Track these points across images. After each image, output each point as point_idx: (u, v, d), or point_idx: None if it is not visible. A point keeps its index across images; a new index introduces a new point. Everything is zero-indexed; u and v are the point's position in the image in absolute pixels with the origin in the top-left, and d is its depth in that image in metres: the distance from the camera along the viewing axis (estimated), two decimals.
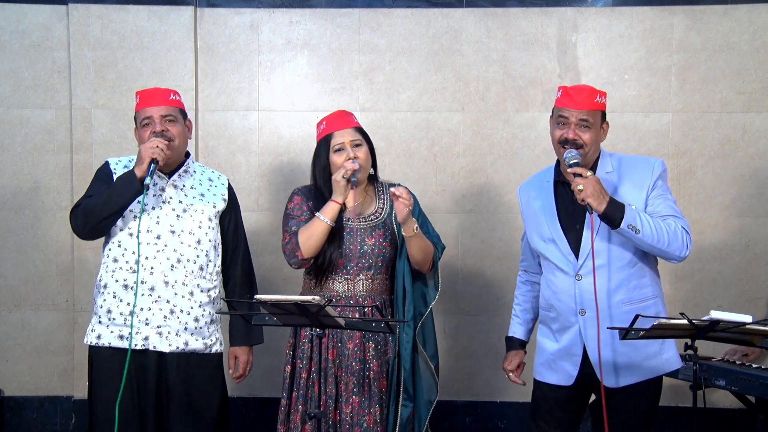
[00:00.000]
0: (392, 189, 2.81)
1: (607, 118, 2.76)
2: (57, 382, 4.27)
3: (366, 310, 2.87)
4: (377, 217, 2.98)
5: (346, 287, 2.91)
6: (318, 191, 2.97)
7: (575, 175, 2.55)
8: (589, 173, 2.56)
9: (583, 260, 2.67)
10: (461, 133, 4.18)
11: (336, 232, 2.88)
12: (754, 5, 4.04)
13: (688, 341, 2.54)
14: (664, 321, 2.46)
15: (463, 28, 4.15)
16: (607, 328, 2.71)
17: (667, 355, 2.75)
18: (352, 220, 2.93)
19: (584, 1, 4.15)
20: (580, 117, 2.64)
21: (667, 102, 4.10)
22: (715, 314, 2.42)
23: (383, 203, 3.00)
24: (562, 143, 2.66)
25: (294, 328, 2.93)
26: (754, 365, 3.21)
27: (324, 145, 2.95)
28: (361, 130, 2.97)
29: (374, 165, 3.03)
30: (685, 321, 2.43)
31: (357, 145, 2.91)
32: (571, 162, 2.59)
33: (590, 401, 2.89)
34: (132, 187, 2.75)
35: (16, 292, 4.25)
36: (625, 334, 2.52)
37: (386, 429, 2.88)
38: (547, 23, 4.13)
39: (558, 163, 2.81)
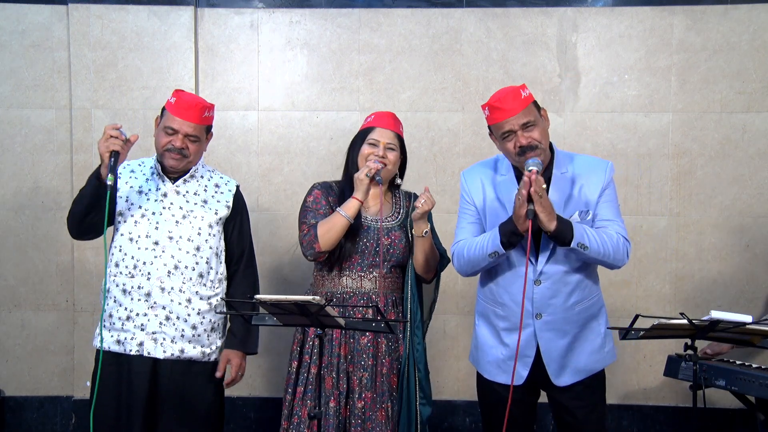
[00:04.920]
0: (419, 192, 2.90)
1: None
2: (57, 382, 4.27)
3: (365, 309, 2.87)
4: (394, 219, 3.01)
5: (359, 284, 2.94)
6: (346, 182, 3.00)
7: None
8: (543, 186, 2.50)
9: (543, 264, 2.65)
10: (461, 133, 4.18)
11: (354, 229, 2.92)
12: (754, 5, 4.04)
13: (688, 341, 2.55)
14: (664, 321, 2.46)
15: (463, 28, 4.15)
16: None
17: (608, 347, 2.77)
18: (371, 219, 2.97)
19: (584, 1, 4.15)
20: (520, 122, 2.60)
21: (667, 102, 4.10)
22: (715, 314, 2.43)
23: (400, 208, 3.05)
24: (521, 153, 2.61)
25: None
26: (754, 365, 3.21)
27: (362, 135, 3.01)
28: (400, 138, 3.03)
29: (402, 175, 3.09)
30: (685, 321, 2.43)
31: (390, 149, 2.97)
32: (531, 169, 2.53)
33: (540, 399, 2.88)
34: (90, 183, 2.74)
35: (16, 292, 4.25)
36: (625, 334, 2.52)
37: (396, 426, 2.90)
38: (547, 23, 4.13)
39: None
